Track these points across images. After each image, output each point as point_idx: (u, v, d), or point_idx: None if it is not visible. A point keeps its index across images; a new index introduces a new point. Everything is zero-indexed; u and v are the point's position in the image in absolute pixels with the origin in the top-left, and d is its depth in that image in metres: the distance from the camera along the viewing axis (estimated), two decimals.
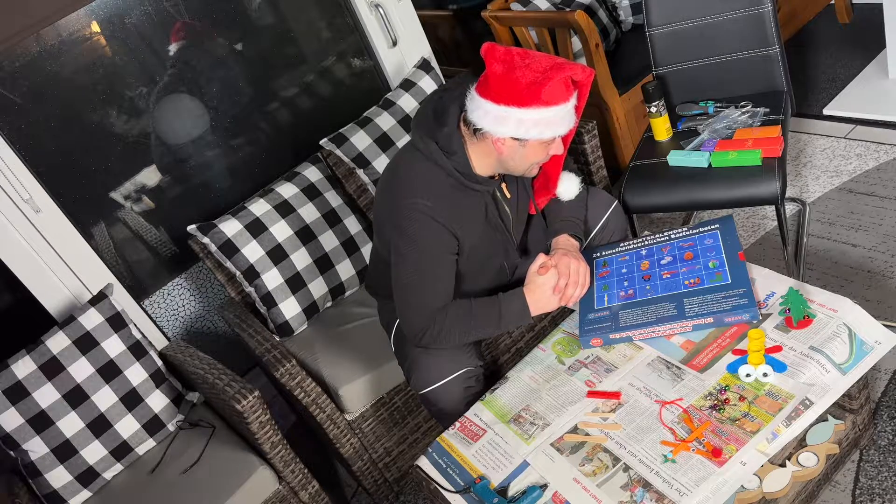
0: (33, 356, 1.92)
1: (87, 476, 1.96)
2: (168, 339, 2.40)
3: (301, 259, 2.18)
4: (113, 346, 2.00)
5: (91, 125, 2.24)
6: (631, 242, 1.88)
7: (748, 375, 1.45)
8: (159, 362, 2.09)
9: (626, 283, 1.74)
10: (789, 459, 1.55)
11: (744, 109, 2.13)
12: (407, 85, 2.50)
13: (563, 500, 1.40)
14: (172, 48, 2.32)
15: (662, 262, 1.76)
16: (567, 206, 1.83)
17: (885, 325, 1.48)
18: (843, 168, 2.52)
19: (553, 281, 1.65)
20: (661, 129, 2.19)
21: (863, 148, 2.57)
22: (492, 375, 2.14)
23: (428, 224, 1.61)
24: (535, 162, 1.62)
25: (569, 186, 1.83)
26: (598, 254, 1.88)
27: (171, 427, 2.08)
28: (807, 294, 1.55)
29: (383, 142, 2.38)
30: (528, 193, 1.83)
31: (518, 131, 1.52)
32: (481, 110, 1.54)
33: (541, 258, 1.69)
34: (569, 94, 1.52)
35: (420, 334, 1.64)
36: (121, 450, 1.99)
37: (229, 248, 2.14)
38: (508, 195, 1.76)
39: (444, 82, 2.57)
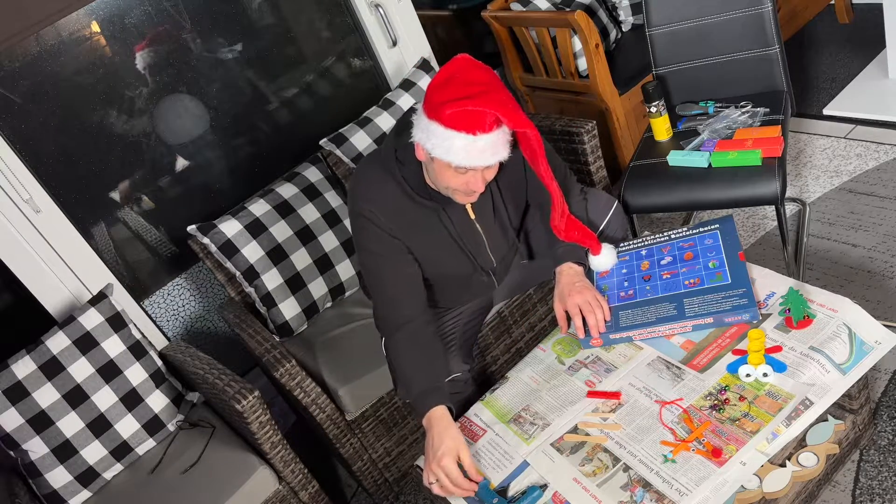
0: (33, 356, 1.92)
1: (87, 476, 1.96)
2: (168, 339, 2.40)
3: (301, 259, 2.18)
4: (113, 346, 2.00)
5: (91, 125, 2.24)
6: (631, 242, 1.88)
7: (748, 375, 1.45)
8: (159, 362, 2.09)
9: (626, 284, 1.74)
10: (789, 459, 1.55)
11: (744, 109, 2.13)
12: (407, 85, 2.50)
13: (563, 500, 1.40)
14: (161, 41, 2.31)
15: (662, 262, 1.76)
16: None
17: (885, 325, 1.48)
18: (843, 168, 2.52)
19: (438, 470, 1.49)
20: (661, 129, 2.19)
21: (863, 148, 2.57)
22: (491, 375, 2.14)
23: (370, 229, 1.64)
24: (450, 186, 1.52)
25: (604, 260, 1.78)
26: None
27: (171, 427, 2.08)
28: (807, 294, 1.55)
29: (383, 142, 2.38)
30: (505, 214, 1.76)
31: (425, 139, 1.47)
32: (416, 113, 1.53)
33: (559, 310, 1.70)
34: (479, 128, 1.42)
35: (382, 335, 1.72)
36: (121, 450, 1.99)
37: (229, 248, 2.14)
38: (473, 215, 1.71)
39: None
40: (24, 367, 1.91)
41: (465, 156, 1.45)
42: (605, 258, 1.79)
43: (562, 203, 1.64)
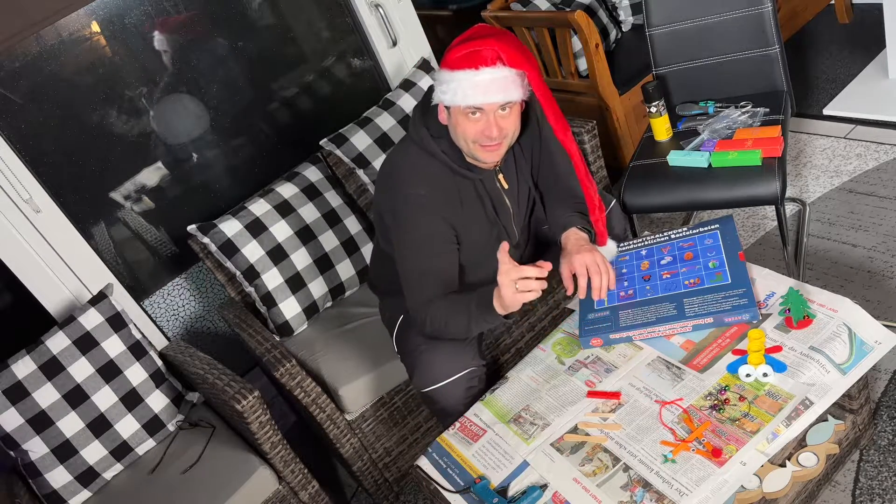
0: (33, 356, 1.92)
1: (87, 476, 1.96)
2: (168, 339, 2.40)
3: (301, 259, 2.18)
4: (113, 346, 2.00)
5: (91, 125, 2.24)
6: (631, 242, 1.88)
7: (748, 375, 1.45)
8: (159, 362, 2.09)
9: (625, 283, 1.74)
10: (789, 459, 1.55)
11: (744, 109, 2.13)
12: (407, 85, 2.50)
13: (563, 500, 1.40)
14: (162, 41, 2.31)
15: (662, 262, 1.76)
16: (572, 200, 1.80)
17: (885, 325, 1.48)
18: (843, 168, 2.52)
19: (513, 274, 1.48)
20: (661, 129, 2.19)
21: (863, 148, 2.57)
22: (492, 375, 2.14)
23: (423, 215, 1.63)
24: (468, 137, 1.57)
25: (606, 251, 1.80)
26: None
27: (171, 427, 2.08)
28: (807, 294, 1.55)
29: (383, 142, 2.38)
30: (529, 185, 1.80)
31: (439, 91, 1.56)
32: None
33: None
34: (482, 63, 1.50)
35: (416, 320, 1.68)
36: (121, 450, 1.99)
37: (229, 248, 2.14)
38: (506, 185, 1.74)
39: None
40: (24, 367, 1.91)
41: (471, 92, 1.51)
42: (607, 249, 1.80)
43: (581, 160, 1.68)
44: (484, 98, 1.52)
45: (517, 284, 1.47)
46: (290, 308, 2.17)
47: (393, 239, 1.71)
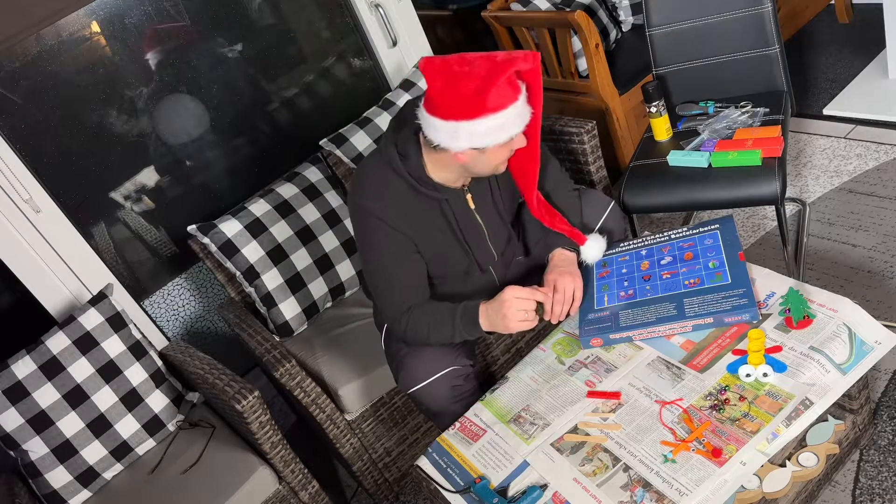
0: (33, 356, 1.92)
1: (87, 476, 1.96)
2: (168, 339, 2.40)
3: (301, 259, 2.18)
4: (113, 346, 2.00)
5: (91, 125, 2.24)
6: (631, 242, 1.88)
7: (748, 375, 1.45)
8: (159, 362, 2.09)
9: (626, 283, 1.74)
10: (789, 459, 1.55)
11: (744, 109, 2.13)
12: (407, 85, 2.50)
13: (563, 500, 1.41)
14: (162, 41, 2.31)
15: (662, 262, 1.76)
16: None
17: (885, 325, 1.48)
18: (843, 168, 2.52)
19: (516, 304, 1.55)
20: (661, 129, 2.19)
21: (863, 148, 2.57)
22: (491, 375, 2.14)
23: (377, 226, 1.63)
24: (500, 161, 1.58)
25: (592, 250, 1.80)
26: None
27: (171, 427, 2.08)
28: (807, 294, 1.55)
29: None
30: (502, 205, 1.77)
31: (473, 142, 1.49)
32: (432, 128, 1.51)
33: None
34: (516, 93, 1.47)
35: (395, 330, 1.70)
36: (121, 450, 1.99)
37: (229, 248, 2.14)
38: (473, 205, 1.72)
39: None
40: (24, 367, 1.91)
41: (521, 118, 1.50)
42: (592, 248, 1.80)
43: (535, 176, 1.68)
44: (522, 121, 1.51)
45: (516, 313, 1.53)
46: (290, 308, 2.17)
47: (357, 248, 1.73)
